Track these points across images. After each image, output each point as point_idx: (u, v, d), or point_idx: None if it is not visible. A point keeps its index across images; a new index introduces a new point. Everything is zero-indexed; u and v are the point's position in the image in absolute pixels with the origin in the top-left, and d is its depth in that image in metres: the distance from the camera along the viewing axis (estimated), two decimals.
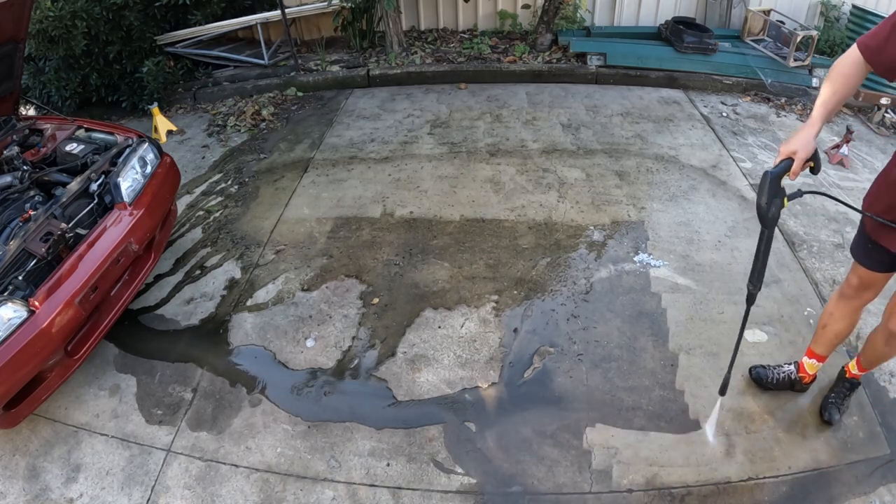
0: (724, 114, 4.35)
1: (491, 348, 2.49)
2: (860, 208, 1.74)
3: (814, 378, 2.34)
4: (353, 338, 2.56)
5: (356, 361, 2.46)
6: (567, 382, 2.32)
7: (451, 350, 2.48)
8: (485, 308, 2.68)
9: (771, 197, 1.50)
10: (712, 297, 2.67)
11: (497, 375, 2.37)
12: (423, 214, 3.30)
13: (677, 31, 4.86)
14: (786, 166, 1.52)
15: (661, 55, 4.82)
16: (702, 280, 2.76)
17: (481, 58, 5.16)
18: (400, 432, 2.17)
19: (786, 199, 1.51)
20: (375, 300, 2.74)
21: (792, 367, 2.35)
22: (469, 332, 2.56)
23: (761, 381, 2.38)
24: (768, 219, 1.53)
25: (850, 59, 1.59)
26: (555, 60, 5.07)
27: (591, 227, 3.14)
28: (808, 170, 1.58)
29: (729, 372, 1.97)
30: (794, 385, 2.35)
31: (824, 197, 2.08)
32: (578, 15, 5.43)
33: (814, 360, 2.26)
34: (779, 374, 2.37)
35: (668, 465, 2.02)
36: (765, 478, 1.97)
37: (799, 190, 1.56)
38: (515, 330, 2.56)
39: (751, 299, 1.75)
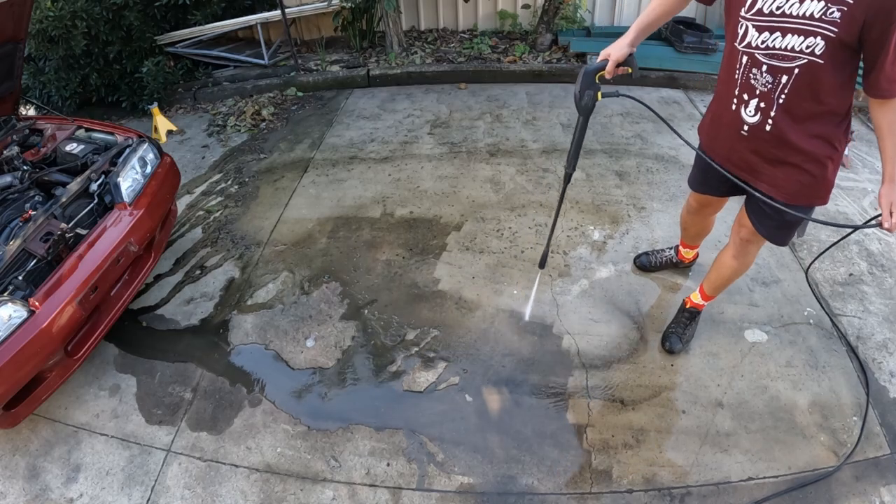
0: None
1: None
2: (695, 145, 1.96)
3: (693, 259, 2.75)
4: (353, 338, 2.56)
5: (356, 361, 2.46)
6: (566, 382, 2.33)
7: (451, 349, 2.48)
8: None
9: (584, 89, 1.74)
10: None
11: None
12: (423, 214, 3.30)
13: (677, 31, 4.85)
14: (601, 65, 1.74)
15: (661, 55, 4.82)
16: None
17: (481, 58, 5.16)
18: (400, 432, 2.17)
19: (599, 94, 1.74)
20: (376, 300, 2.74)
21: (672, 252, 2.76)
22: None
23: (646, 266, 2.77)
24: (581, 107, 1.77)
25: None
26: (555, 60, 5.07)
27: (591, 227, 3.14)
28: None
29: (547, 247, 2.28)
30: (677, 266, 2.77)
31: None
32: (578, 15, 5.42)
33: (687, 249, 2.69)
34: (660, 257, 2.76)
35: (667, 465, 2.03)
36: (765, 477, 1.98)
37: (616, 91, 1.77)
38: None
39: (567, 178, 2.00)
